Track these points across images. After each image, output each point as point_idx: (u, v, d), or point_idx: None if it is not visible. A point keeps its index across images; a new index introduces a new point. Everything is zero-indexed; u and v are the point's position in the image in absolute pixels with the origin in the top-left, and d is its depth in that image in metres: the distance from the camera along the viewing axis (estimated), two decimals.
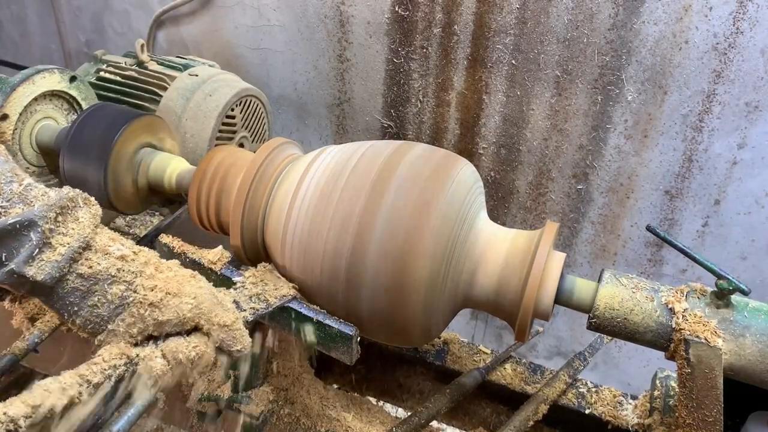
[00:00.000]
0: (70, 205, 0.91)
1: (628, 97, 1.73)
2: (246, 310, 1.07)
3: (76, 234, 0.90)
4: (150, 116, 1.41)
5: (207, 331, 0.97)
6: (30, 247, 0.86)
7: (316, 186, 1.12)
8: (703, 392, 0.98)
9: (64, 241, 0.89)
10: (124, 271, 0.93)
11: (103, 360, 0.89)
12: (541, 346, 2.30)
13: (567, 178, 1.91)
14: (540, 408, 1.36)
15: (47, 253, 0.87)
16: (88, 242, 0.91)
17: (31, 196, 0.90)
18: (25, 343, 1.39)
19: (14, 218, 0.85)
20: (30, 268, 0.86)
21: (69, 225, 0.90)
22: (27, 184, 0.90)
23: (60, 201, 0.89)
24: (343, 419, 1.38)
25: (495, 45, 1.80)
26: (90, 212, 0.94)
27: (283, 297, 1.12)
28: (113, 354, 0.90)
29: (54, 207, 0.88)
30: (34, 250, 0.86)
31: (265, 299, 1.10)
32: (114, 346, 0.90)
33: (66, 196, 0.90)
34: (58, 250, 0.88)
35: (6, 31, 2.64)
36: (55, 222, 0.88)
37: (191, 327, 0.96)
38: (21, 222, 0.85)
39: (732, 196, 1.76)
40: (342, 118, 2.14)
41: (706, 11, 1.57)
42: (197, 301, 0.96)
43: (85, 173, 1.32)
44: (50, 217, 0.88)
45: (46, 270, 0.87)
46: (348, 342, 1.09)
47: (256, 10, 2.05)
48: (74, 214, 0.91)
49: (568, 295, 1.09)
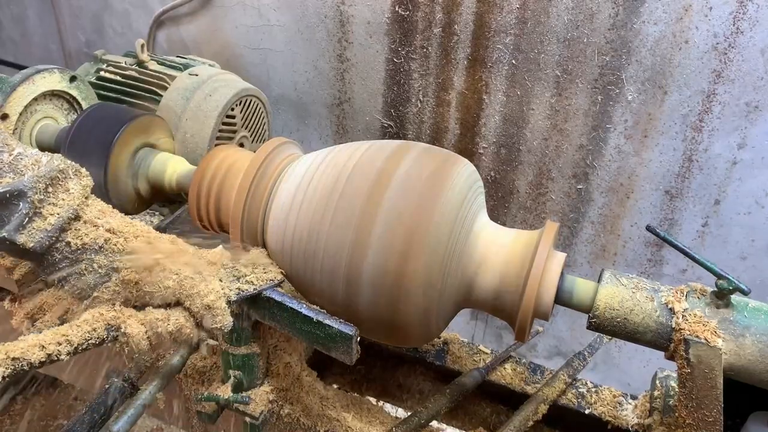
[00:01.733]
0: (60, 176, 0.93)
1: (628, 97, 1.73)
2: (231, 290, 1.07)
3: (66, 204, 0.93)
4: (150, 116, 1.41)
5: (188, 306, 0.98)
6: (20, 216, 0.89)
7: (316, 186, 1.12)
8: (703, 392, 0.98)
9: (54, 211, 0.92)
10: (112, 242, 0.95)
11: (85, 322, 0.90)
12: (541, 346, 2.30)
13: (567, 178, 1.91)
14: (540, 408, 1.35)
15: (38, 221, 0.90)
16: (77, 213, 0.94)
17: (22, 165, 0.92)
18: None
19: (3, 188, 0.88)
20: (21, 236, 0.89)
21: (59, 195, 0.93)
22: (17, 153, 0.93)
23: (50, 172, 0.92)
24: (343, 419, 1.38)
25: (495, 45, 1.80)
26: (81, 183, 0.96)
27: (270, 281, 1.12)
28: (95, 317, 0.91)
29: (44, 178, 0.91)
30: (24, 219, 0.89)
31: (251, 282, 1.11)
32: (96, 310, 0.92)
33: (56, 168, 0.93)
34: (48, 219, 0.91)
35: (6, 31, 2.64)
36: (45, 192, 0.91)
37: (173, 301, 0.98)
38: (11, 191, 0.88)
39: (732, 196, 1.76)
40: (342, 118, 2.14)
41: (706, 11, 1.57)
42: (180, 277, 0.97)
43: None
44: (39, 188, 0.90)
45: (36, 238, 0.90)
46: (348, 342, 1.09)
47: (256, 10, 2.05)
48: (65, 184, 0.94)
49: (568, 295, 1.09)
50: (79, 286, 0.95)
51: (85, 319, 0.91)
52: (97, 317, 0.92)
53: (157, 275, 0.96)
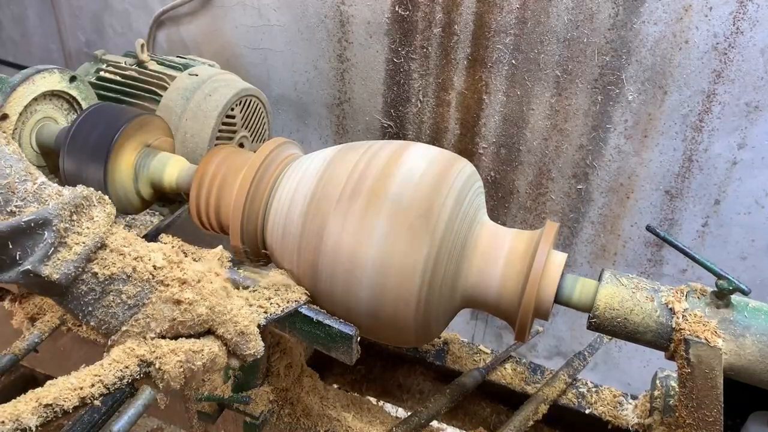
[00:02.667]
0: (84, 203, 0.89)
1: (628, 97, 1.73)
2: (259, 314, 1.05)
3: (91, 233, 0.88)
4: (150, 116, 1.41)
5: (221, 334, 0.95)
6: (45, 246, 0.84)
7: (317, 186, 1.12)
8: (703, 392, 0.98)
9: (79, 240, 0.87)
10: (140, 271, 0.91)
11: (116, 360, 0.87)
12: (541, 346, 2.30)
13: (567, 178, 1.91)
14: (540, 408, 1.36)
15: (62, 252, 0.86)
16: (103, 241, 0.89)
17: (45, 195, 0.88)
18: (25, 343, 1.39)
19: (29, 216, 0.84)
20: (45, 268, 0.84)
21: (84, 224, 0.88)
22: (41, 183, 0.89)
23: (74, 200, 0.88)
24: (343, 419, 1.38)
25: (495, 45, 1.80)
26: (105, 211, 0.92)
27: (296, 302, 1.11)
28: (126, 353, 0.88)
29: (68, 205, 0.87)
30: (49, 249, 0.85)
31: (276, 304, 1.09)
32: (126, 346, 0.89)
33: (80, 195, 0.89)
34: (73, 249, 0.86)
35: (6, 31, 2.64)
36: (69, 221, 0.87)
37: (205, 330, 0.95)
38: (35, 220, 0.84)
39: (732, 196, 1.76)
40: (342, 118, 2.14)
41: (706, 11, 1.57)
42: (210, 302, 0.94)
43: (85, 173, 1.32)
44: (65, 216, 0.86)
45: (62, 269, 0.85)
46: (348, 342, 1.09)
47: (256, 10, 2.05)
48: (89, 213, 0.90)
49: (568, 295, 1.09)
50: (106, 320, 0.90)
51: (116, 357, 0.87)
52: (129, 352, 0.88)
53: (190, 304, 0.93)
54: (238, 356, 0.99)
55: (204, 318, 0.93)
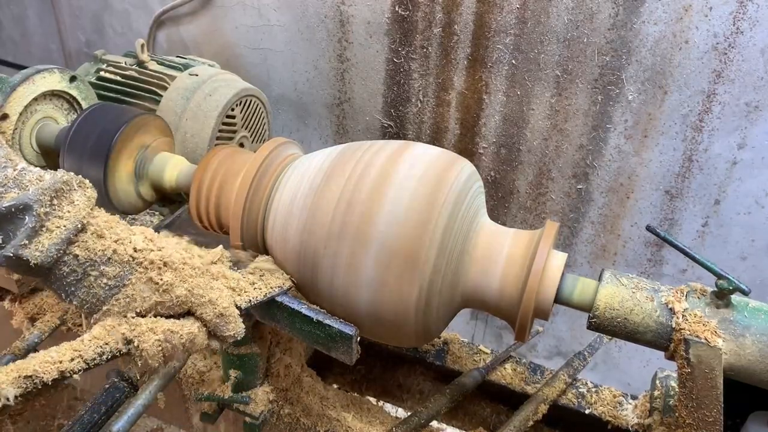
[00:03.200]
0: (64, 188, 0.91)
1: (628, 96, 1.73)
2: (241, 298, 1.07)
3: (71, 216, 0.90)
4: (150, 116, 1.41)
5: (200, 315, 0.97)
6: (26, 230, 0.87)
7: (317, 186, 1.12)
8: (703, 392, 0.98)
9: (60, 224, 0.89)
10: (120, 253, 0.93)
11: (96, 336, 0.89)
12: (541, 346, 2.30)
13: (567, 178, 1.91)
14: (540, 408, 1.35)
15: (44, 235, 0.88)
16: (83, 224, 0.92)
17: (26, 181, 0.90)
18: (25, 343, 1.39)
19: (9, 202, 0.86)
20: (27, 251, 0.87)
21: (64, 208, 0.91)
22: (21, 169, 0.91)
23: (54, 184, 0.90)
24: (343, 419, 1.38)
25: (495, 45, 1.80)
26: (85, 195, 0.94)
27: (279, 287, 1.12)
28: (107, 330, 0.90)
29: (48, 190, 0.89)
30: (30, 233, 0.87)
31: (260, 288, 1.10)
32: (107, 323, 0.91)
33: (60, 180, 0.91)
34: (54, 232, 0.89)
35: (6, 31, 2.64)
36: (50, 205, 0.89)
37: (184, 311, 0.97)
38: (16, 205, 0.86)
39: (732, 196, 1.76)
40: (342, 118, 2.14)
41: (706, 11, 1.57)
42: (190, 285, 0.97)
43: (85, 173, 1.31)
44: (45, 201, 0.88)
45: (43, 252, 0.87)
46: (348, 342, 1.09)
47: (256, 10, 2.05)
48: (69, 196, 0.92)
49: (568, 295, 1.09)
50: (88, 300, 0.93)
51: (96, 334, 0.90)
52: (109, 329, 0.91)
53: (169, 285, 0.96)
54: (219, 337, 1.00)
55: (183, 299, 0.96)
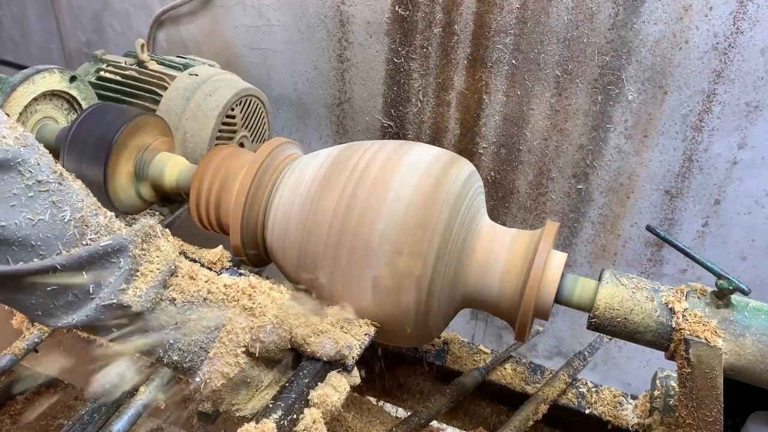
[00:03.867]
0: (151, 232, 0.89)
1: (628, 96, 1.73)
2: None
3: (162, 260, 0.88)
4: (150, 116, 1.41)
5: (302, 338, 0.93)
6: (123, 274, 0.83)
7: (317, 186, 1.12)
8: (703, 392, 0.98)
9: (152, 268, 0.86)
10: (214, 292, 0.91)
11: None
12: (541, 346, 2.30)
13: (567, 178, 1.91)
14: (540, 408, 1.35)
15: (139, 279, 0.85)
16: (175, 267, 0.89)
17: (116, 227, 0.87)
18: (25, 343, 1.39)
19: (104, 243, 0.83)
20: (126, 296, 0.83)
21: (153, 253, 0.88)
22: (110, 216, 0.89)
23: (144, 227, 0.87)
24: (343, 419, 1.38)
25: (495, 45, 1.80)
26: (169, 241, 0.92)
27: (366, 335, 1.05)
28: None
29: (140, 232, 0.86)
30: (126, 277, 0.83)
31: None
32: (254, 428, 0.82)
33: (148, 224, 0.89)
34: (148, 276, 0.85)
35: (6, 31, 2.64)
36: (141, 248, 0.86)
37: (289, 338, 0.93)
38: (111, 246, 0.83)
39: (732, 196, 1.76)
40: (342, 118, 2.14)
41: (706, 11, 1.57)
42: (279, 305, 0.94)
43: (85, 173, 1.32)
44: (138, 242, 0.85)
45: (142, 297, 0.83)
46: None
47: (256, 10, 2.05)
48: (156, 242, 0.89)
49: (568, 295, 1.09)
50: (189, 351, 0.88)
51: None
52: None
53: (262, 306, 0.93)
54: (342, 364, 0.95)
55: (281, 319, 0.92)
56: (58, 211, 0.80)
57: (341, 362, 0.95)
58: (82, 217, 0.83)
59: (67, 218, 0.81)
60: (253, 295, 0.92)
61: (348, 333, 1.02)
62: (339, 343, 0.93)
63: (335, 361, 0.94)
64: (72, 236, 0.81)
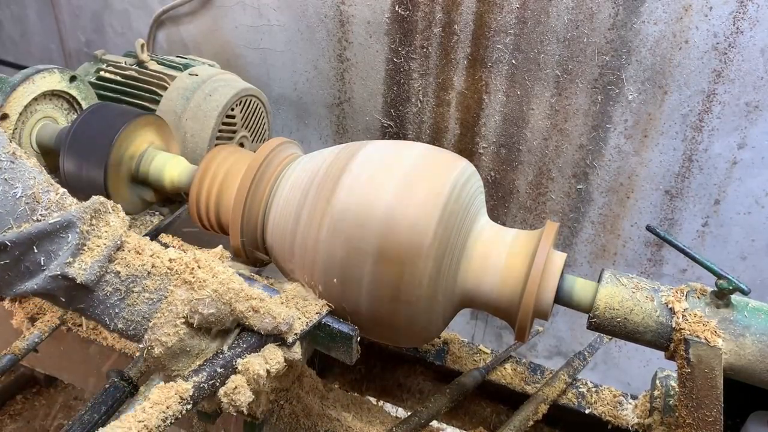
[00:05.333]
0: (101, 208, 0.94)
1: (628, 96, 1.73)
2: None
3: (109, 235, 0.93)
4: (150, 116, 1.41)
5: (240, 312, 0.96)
6: (69, 248, 0.89)
7: (317, 186, 1.12)
8: (703, 392, 0.98)
9: (99, 243, 0.92)
10: (158, 266, 0.95)
11: (157, 402, 0.87)
12: (541, 346, 2.30)
13: (567, 178, 1.91)
14: (540, 408, 1.35)
15: (86, 254, 0.90)
16: (121, 242, 0.94)
17: (67, 203, 0.93)
18: (25, 343, 1.39)
19: (54, 219, 0.89)
20: (72, 269, 0.88)
21: (102, 228, 0.93)
22: (62, 193, 0.94)
23: (93, 204, 0.93)
24: (343, 419, 1.38)
25: (495, 45, 1.80)
26: (119, 216, 0.97)
27: (317, 314, 1.08)
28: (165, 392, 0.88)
29: (89, 209, 0.92)
30: (73, 251, 0.89)
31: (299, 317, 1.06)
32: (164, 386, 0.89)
33: (98, 201, 0.94)
34: (95, 250, 0.91)
35: (6, 31, 2.64)
36: (90, 224, 0.92)
37: (228, 311, 0.96)
38: (60, 222, 0.89)
39: (732, 196, 1.76)
40: (342, 117, 2.14)
41: (706, 11, 1.57)
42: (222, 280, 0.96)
43: (85, 173, 1.32)
44: (86, 219, 0.91)
45: (87, 270, 0.89)
46: (348, 342, 1.09)
47: (256, 10, 2.05)
48: (105, 218, 0.94)
49: (568, 295, 1.09)
50: (133, 320, 0.94)
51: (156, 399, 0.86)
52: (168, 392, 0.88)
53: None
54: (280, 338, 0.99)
55: (221, 291, 0.95)
56: (9, 188, 0.87)
57: (280, 337, 0.99)
58: (34, 194, 0.90)
59: (19, 194, 0.88)
60: (195, 270, 0.96)
61: (300, 310, 1.06)
62: (277, 319, 0.97)
63: (275, 335, 0.98)
64: (23, 212, 0.88)
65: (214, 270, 0.97)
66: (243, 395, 0.92)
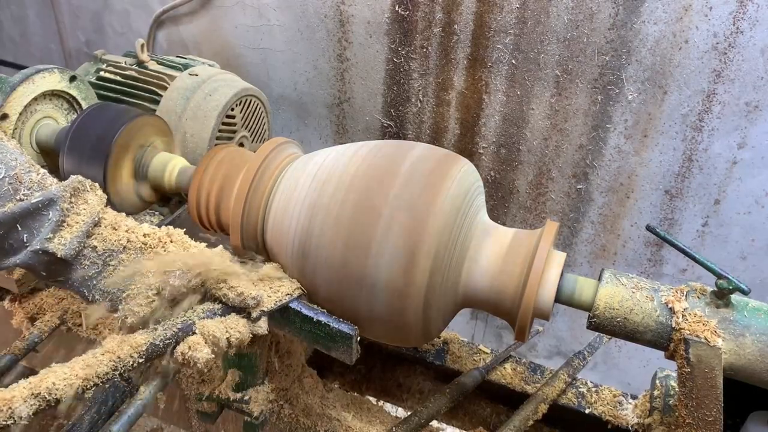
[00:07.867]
0: (80, 187, 1.00)
1: (628, 96, 1.73)
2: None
3: (87, 212, 0.99)
4: (150, 116, 1.41)
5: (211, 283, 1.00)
6: (50, 225, 0.95)
7: (317, 186, 1.12)
8: (703, 392, 0.98)
9: (78, 220, 0.98)
10: (133, 241, 1.01)
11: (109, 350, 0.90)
12: (541, 346, 2.30)
13: (567, 178, 1.91)
14: (540, 407, 1.36)
15: (65, 230, 0.96)
16: (99, 219, 1.00)
17: (48, 183, 0.99)
18: (25, 343, 1.39)
19: (36, 198, 0.95)
20: (52, 244, 0.94)
21: (80, 206, 0.99)
22: (43, 173, 1.01)
23: (72, 183, 0.99)
24: (343, 419, 1.38)
25: (495, 45, 1.80)
26: (97, 195, 1.03)
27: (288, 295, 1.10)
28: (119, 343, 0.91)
29: (69, 187, 0.98)
30: (54, 227, 0.95)
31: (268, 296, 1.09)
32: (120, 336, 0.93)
33: (76, 180, 1.00)
34: (74, 227, 0.97)
35: (6, 31, 2.65)
36: (70, 202, 0.98)
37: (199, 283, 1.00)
38: (42, 201, 0.95)
39: (732, 195, 1.76)
40: (342, 117, 2.14)
41: (706, 11, 1.57)
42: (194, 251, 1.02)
43: (85, 173, 1.31)
44: (66, 197, 0.97)
45: (66, 245, 0.95)
46: (348, 342, 1.09)
47: (256, 10, 2.05)
48: (84, 196, 1.01)
49: (568, 295, 1.09)
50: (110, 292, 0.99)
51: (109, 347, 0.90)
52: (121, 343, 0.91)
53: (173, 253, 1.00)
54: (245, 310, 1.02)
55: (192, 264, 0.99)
56: None
57: (246, 310, 1.02)
58: (16, 174, 0.96)
59: (2, 175, 0.94)
60: (167, 244, 1.02)
61: (272, 288, 1.09)
62: (244, 294, 1.00)
63: (242, 308, 1.02)
64: (6, 192, 0.94)
65: (186, 244, 1.03)
66: (200, 353, 0.94)
